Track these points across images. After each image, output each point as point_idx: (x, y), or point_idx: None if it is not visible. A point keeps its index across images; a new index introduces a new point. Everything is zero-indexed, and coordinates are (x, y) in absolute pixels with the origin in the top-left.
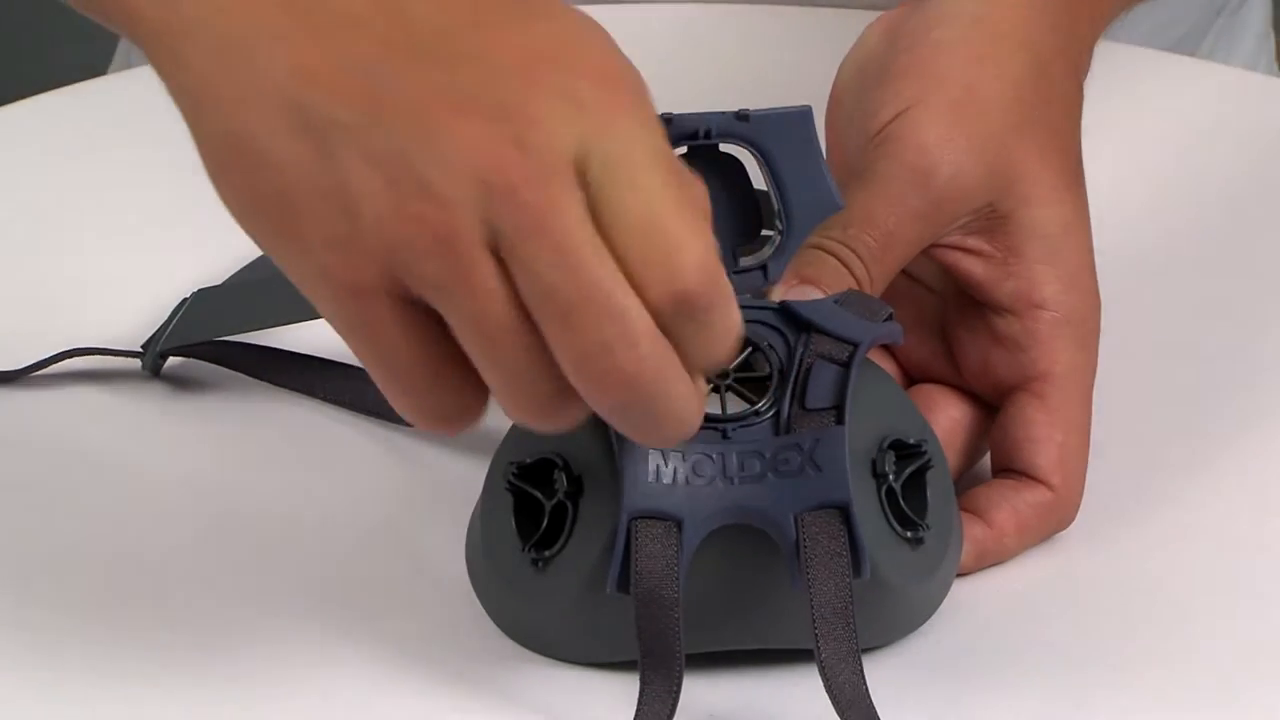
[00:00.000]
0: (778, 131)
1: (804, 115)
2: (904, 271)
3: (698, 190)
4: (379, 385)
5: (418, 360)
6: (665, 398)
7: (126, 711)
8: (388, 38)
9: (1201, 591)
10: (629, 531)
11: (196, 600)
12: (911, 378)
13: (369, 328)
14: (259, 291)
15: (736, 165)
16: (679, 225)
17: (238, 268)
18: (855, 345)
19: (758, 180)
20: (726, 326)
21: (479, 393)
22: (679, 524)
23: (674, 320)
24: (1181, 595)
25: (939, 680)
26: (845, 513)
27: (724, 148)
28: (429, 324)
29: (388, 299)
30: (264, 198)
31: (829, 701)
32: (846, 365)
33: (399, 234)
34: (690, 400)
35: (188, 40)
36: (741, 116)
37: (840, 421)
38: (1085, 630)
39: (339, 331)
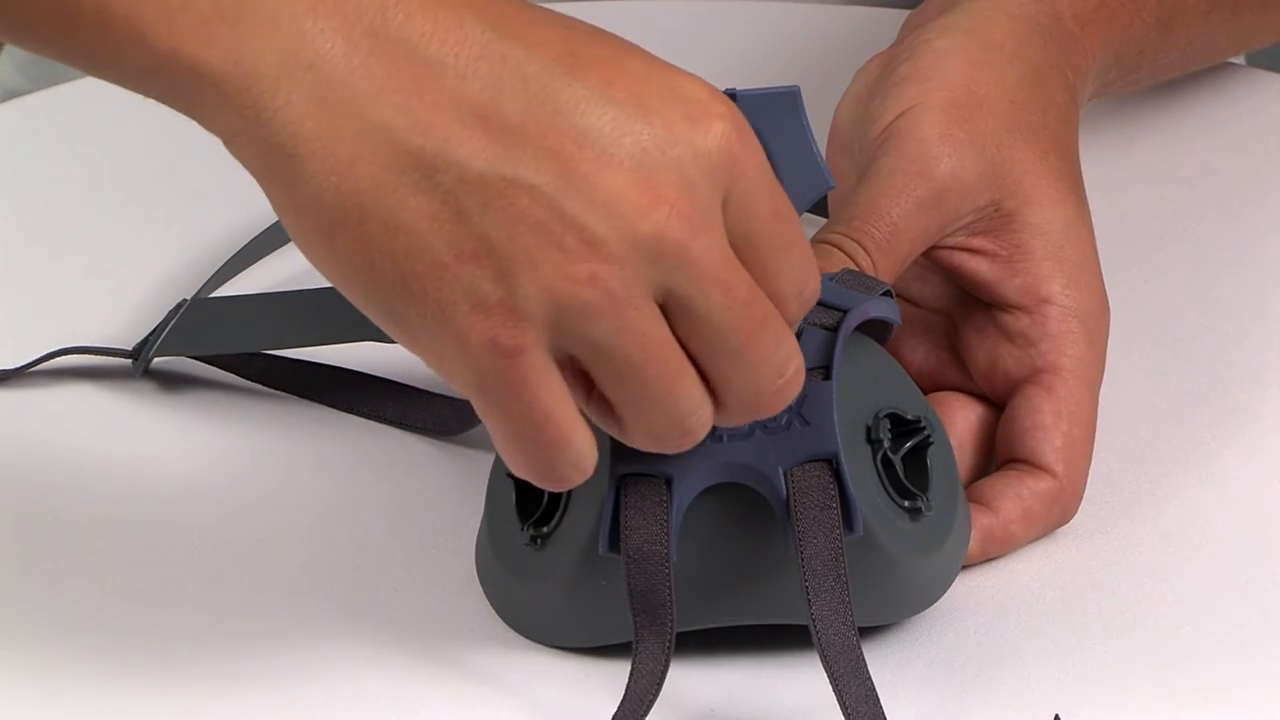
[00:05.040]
0: (766, 111)
1: (792, 95)
2: (905, 299)
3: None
4: (502, 445)
5: (553, 416)
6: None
7: (125, 708)
8: (496, 83)
9: (1203, 587)
10: (618, 490)
11: (194, 594)
12: (925, 391)
13: (513, 388)
14: (253, 308)
15: None
16: (801, 236)
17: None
18: (845, 312)
19: None
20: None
21: (593, 443)
22: (668, 482)
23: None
24: (1183, 591)
25: (938, 673)
26: (834, 465)
27: None
28: (568, 378)
29: (541, 357)
30: (386, 260)
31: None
32: (835, 330)
33: (569, 296)
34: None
35: (276, 98)
36: (729, 95)
37: (828, 379)
38: (1085, 626)
39: (469, 391)
